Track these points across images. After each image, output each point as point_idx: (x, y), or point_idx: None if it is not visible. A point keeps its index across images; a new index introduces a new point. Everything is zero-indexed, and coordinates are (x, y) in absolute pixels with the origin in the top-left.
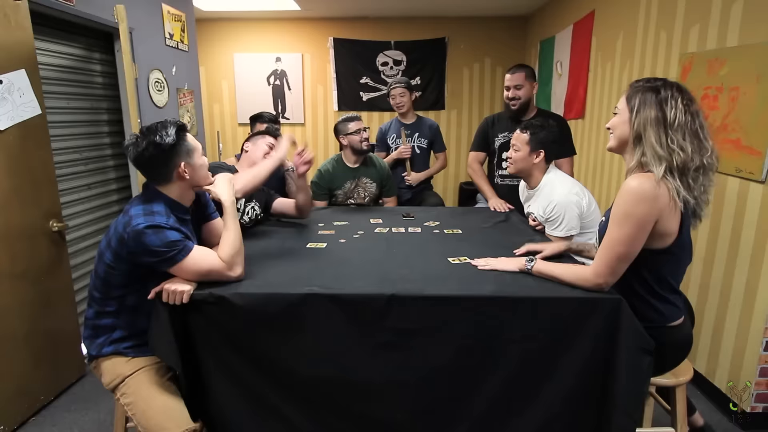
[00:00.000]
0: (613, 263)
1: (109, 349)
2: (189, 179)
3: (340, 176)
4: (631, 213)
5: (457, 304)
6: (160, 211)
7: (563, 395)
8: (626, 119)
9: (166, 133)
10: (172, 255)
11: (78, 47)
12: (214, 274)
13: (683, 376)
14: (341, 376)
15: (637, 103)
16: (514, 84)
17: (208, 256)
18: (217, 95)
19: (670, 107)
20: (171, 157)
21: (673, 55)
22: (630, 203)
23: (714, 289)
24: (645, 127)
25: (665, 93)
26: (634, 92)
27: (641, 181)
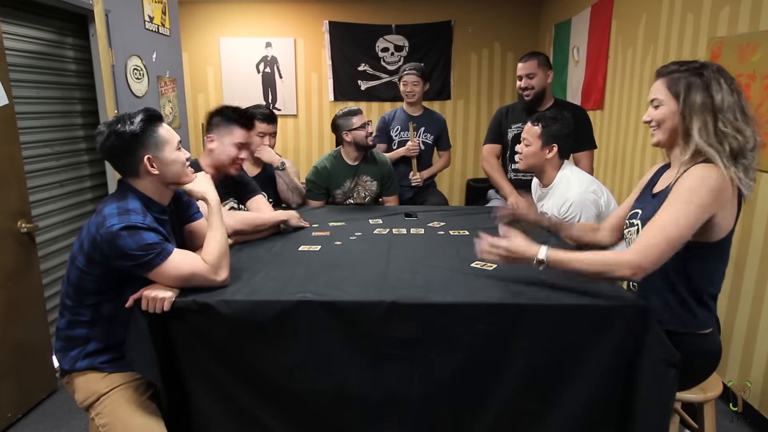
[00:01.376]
0: (661, 247)
1: (84, 363)
2: (159, 174)
3: (340, 174)
4: (693, 199)
5: (463, 313)
6: (136, 209)
7: (578, 412)
8: (674, 109)
9: (130, 122)
10: (149, 259)
11: (49, 31)
12: (198, 278)
13: (712, 391)
14: (336, 391)
15: (682, 90)
16: (526, 73)
17: (191, 259)
18: (201, 84)
19: (716, 89)
20: (135, 149)
21: (701, 39)
22: (694, 190)
23: (746, 296)
24: (696, 115)
25: (708, 75)
26: (675, 79)
27: (707, 171)
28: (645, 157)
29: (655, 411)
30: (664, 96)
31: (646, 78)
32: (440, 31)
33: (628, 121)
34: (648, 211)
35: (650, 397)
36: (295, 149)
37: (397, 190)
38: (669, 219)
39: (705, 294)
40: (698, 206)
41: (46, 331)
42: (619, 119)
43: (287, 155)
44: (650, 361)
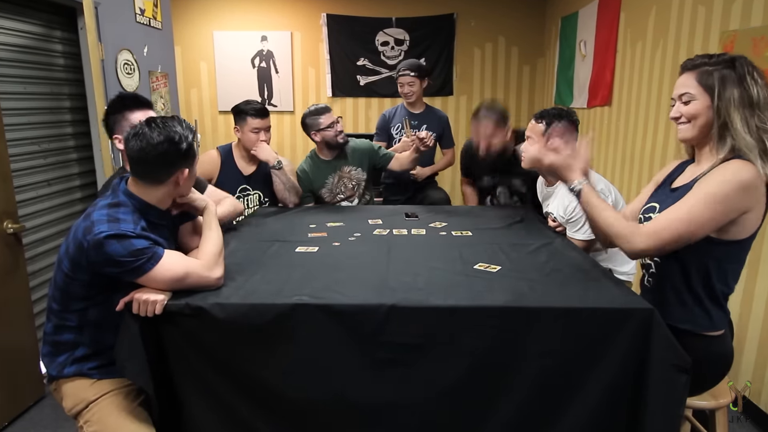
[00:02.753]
0: (681, 229)
1: (72, 369)
2: (180, 187)
3: (320, 174)
4: (724, 197)
5: (467, 317)
6: (127, 218)
7: (585, 418)
8: (707, 104)
9: (187, 133)
10: (139, 264)
11: (36, 24)
12: (191, 277)
13: (724, 398)
14: (335, 398)
15: (716, 83)
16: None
17: (183, 259)
18: (194, 79)
19: (751, 83)
20: (179, 160)
21: (713, 32)
22: (726, 187)
23: (759, 299)
24: (732, 110)
25: (742, 69)
26: (706, 72)
27: (742, 166)
28: (655, 154)
29: (665, 417)
30: (696, 90)
31: (656, 73)
32: (442, 24)
33: (637, 118)
34: (667, 206)
35: (660, 403)
36: (291, 146)
37: (390, 154)
38: (690, 211)
39: (720, 293)
40: (724, 206)
41: (33, 336)
42: (627, 115)
43: (283, 153)
44: (660, 366)
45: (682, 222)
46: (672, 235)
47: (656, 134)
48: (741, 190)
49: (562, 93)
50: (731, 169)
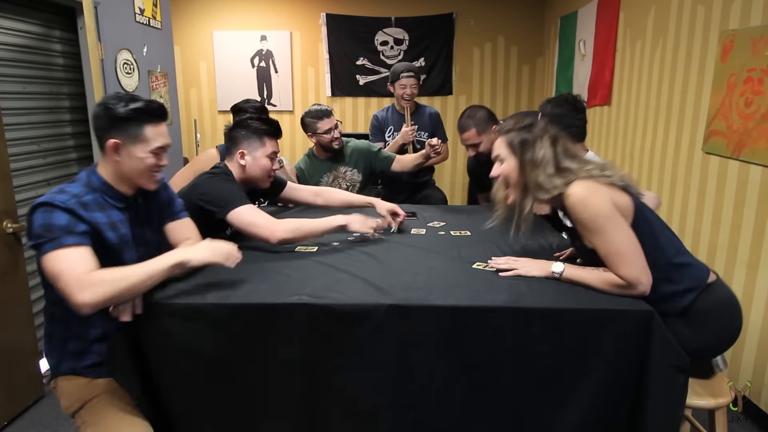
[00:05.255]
0: (627, 262)
1: (67, 366)
2: (120, 163)
3: (316, 173)
4: (596, 213)
5: (466, 316)
6: (69, 190)
7: (586, 419)
8: (515, 166)
9: (124, 104)
10: (41, 242)
11: (35, 24)
12: (61, 285)
13: (724, 398)
14: (334, 398)
15: (518, 147)
16: (469, 143)
17: (71, 264)
18: (194, 78)
19: (539, 146)
20: (110, 128)
21: (712, 32)
22: (588, 208)
23: (758, 300)
24: (532, 168)
25: (535, 133)
26: (511, 137)
27: (575, 189)
28: (654, 154)
29: (665, 417)
30: (505, 153)
31: (656, 72)
32: (441, 24)
33: (636, 117)
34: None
35: (660, 403)
36: (291, 146)
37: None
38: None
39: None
40: (605, 210)
41: (32, 336)
42: (627, 115)
43: (283, 152)
44: (659, 367)
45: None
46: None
47: (656, 133)
48: (594, 198)
49: (561, 92)
50: (575, 198)
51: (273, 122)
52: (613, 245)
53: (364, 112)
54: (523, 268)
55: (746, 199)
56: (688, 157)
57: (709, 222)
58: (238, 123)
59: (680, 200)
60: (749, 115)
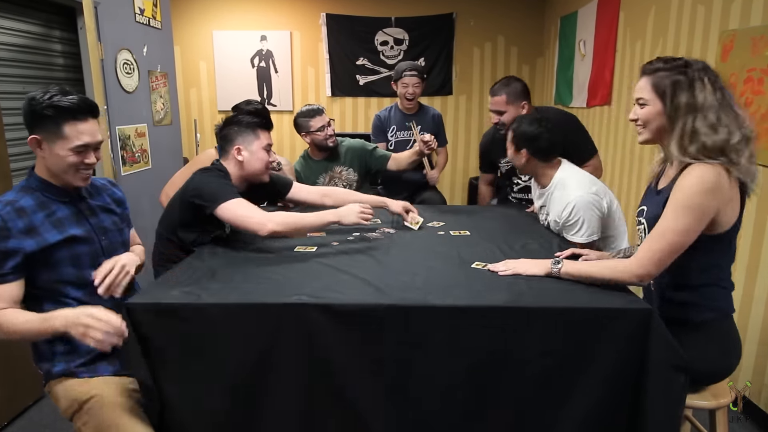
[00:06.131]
0: (663, 254)
1: (60, 368)
2: (45, 159)
3: (311, 174)
4: (693, 204)
5: (466, 316)
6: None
7: (585, 419)
8: (660, 110)
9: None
10: None
11: (35, 24)
12: None
13: (724, 398)
14: (333, 398)
15: (668, 89)
16: (495, 109)
17: None
18: (194, 78)
19: (700, 89)
20: (30, 124)
21: (712, 32)
22: (693, 194)
23: (759, 301)
24: (682, 114)
25: (692, 74)
26: (660, 78)
27: (702, 171)
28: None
29: (665, 417)
30: (650, 96)
31: None
32: (441, 24)
33: None
34: (651, 210)
35: (659, 403)
36: (291, 146)
37: (387, 154)
38: (669, 225)
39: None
40: (700, 210)
41: None
42: (627, 115)
43: (283, 153)
44: (659, 367)
45: (667, 238)
46: (664, 252)
47: None
48: (707, 193)
49: (561, 92)
50: (694, 175)
51: (264, 113)
52: (674, 235)
53: (364, 112)
54: (521, 266)
55: None
56: None
57: None
58: (229, 120)
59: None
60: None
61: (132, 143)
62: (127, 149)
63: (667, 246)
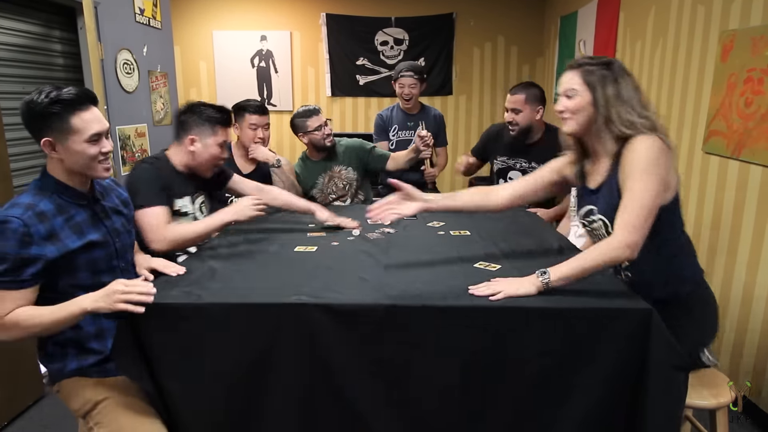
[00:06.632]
0: (642, 217)
1: (72, 367)
2: (63, 160)
3: (310, 175)
4: (651, 167)
5: (465, 316)
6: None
7: (585, 419)
8: (589, 100)
9: (44, 97)
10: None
11: (35, 24)
12: None
13: (724, 398)
14: (332, 398)
15: (597, 83)
16: (512, 107)
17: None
18: (194, 78)
19: (623, 84)
20: (38, 128)
21: (712, 32)
22: (648, 158)
23: (759, 300)
24: (612, 104)
25: (616, 70)
26: (588, 72)
27: (647, 139)
28: None
29: (665, 417)
30: (581, 87)
31: (655, 72)
32: (441, 24)
33: None
34: (603, 203)
35: (659, 403)
36: (291, 146)
37: (386, 154)
38: (638, 191)
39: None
40: (656, 171)
41: None
42: None
43: (283, 152)
44: (659, 367)
45: (640, 202)
46: (641, 216)
47: None
48: (659, 155)
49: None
50: (641, 145)
51: (225, 110)
52: (644, 198)
53: (364, 113)
54: (510, 287)
55: (746, 199)
56: (688, 157)
57: (709, 222)
58: (190, 108)
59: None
60: (749, 115)
61: (132, 143)
62: (127, 149)
63: (645, 209)
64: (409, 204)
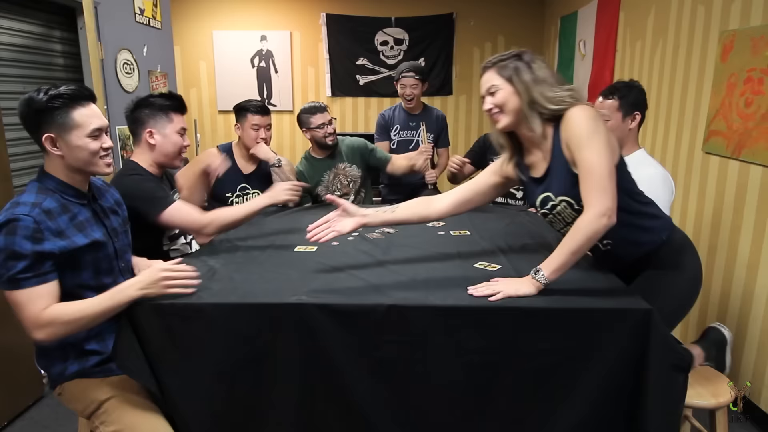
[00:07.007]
0: (605, 180)
1: (73, 369)
2: (63, 156)
3: (315, 172)
4: (593, 131)
5: (466, 316)
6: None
7: (584, 419)
8: (511, 91)
9: (44, 94)
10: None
11: (35, 24)
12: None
13: (724, 398)
14: (333, 398)
15: (513, 74)
16: None
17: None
18: (194, 78)
19: (537, 68)
20: (38, 123)
21: (712, 32)
22: (587, 124)
23: (758, 299)
24: (533, 88)
25: (527, 58)
26: (502, 67)
27: (578, 107)
28: (654, 154)
29: (664, 417)
30: (499, 82)
31: (656, 72)
32: (441, 24)
33: None
34: (557, 185)
35: (659, 403)
36: (291, 146)
37: (388, 156)
38: (595, 157)
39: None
40: (600, 133)
41: None
42: None
43: (283, 152)
44: (658, 366)
45: (600, 166)
46: (604, 179)
47: (656, 133)
48: (596, 118)
49: None
50: (575, 114)
51: (176, 97)
52: (601, 163)
53: (364, 113)
54: (509, 288)
55: (746, 199)
56: (688, 157)
57: (709, 222)
58: (139, 102)
59: (680, 200)
60: (749, 115)
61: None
62: (127, 149)
63: (604, 172)
64: (347, 221)
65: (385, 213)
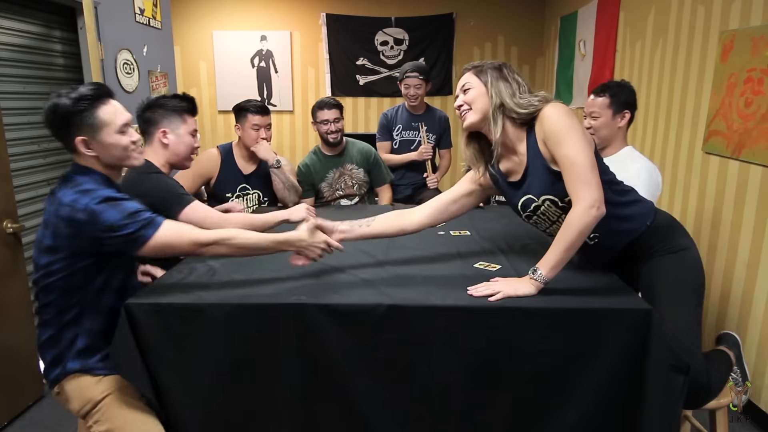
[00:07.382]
0: (588, 172)
1: (73, 365)
2: (97, 156)
3: (322, 168)
4: (569, 126)
5: (466, 316)
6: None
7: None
8: (483, 91)
9: (66, 98)
10: (136, 230)
11: (35, 24)
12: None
13: (724, 398)
14: (333, 398)
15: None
16: None
17: (185, 228)
18: (194, 78)
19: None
20: (67, 127)
21: (712, 32)
22: (563, 120)
23: (758, 300)
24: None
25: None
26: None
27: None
28: (654, 154)
29: (663, 418)
30: (474, 82)
31: (656, 72)
32: (441, 24)
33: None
34: (537, 186)
35: (658, 404)
36: (291, 146)
37: (386, 178)
38: (575, 151)
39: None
40: (576, 127)
41: (33, 335)
42: None
43: (283, 152)
44: (657, 367)
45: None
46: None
47: (656, 133)
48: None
49: (561, 92)
50: (549, 112)
51: (189, 99)
52: (582, 156)
53: (364, 113)
54: (509, 288)
55: (746, 199)
56: (688, 157)
57: (709, 222)
58: (154, 102)
59: (680, 200)
60: (749, 115)
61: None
62: None
63: (586, 164)
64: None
65: (361, 227)
